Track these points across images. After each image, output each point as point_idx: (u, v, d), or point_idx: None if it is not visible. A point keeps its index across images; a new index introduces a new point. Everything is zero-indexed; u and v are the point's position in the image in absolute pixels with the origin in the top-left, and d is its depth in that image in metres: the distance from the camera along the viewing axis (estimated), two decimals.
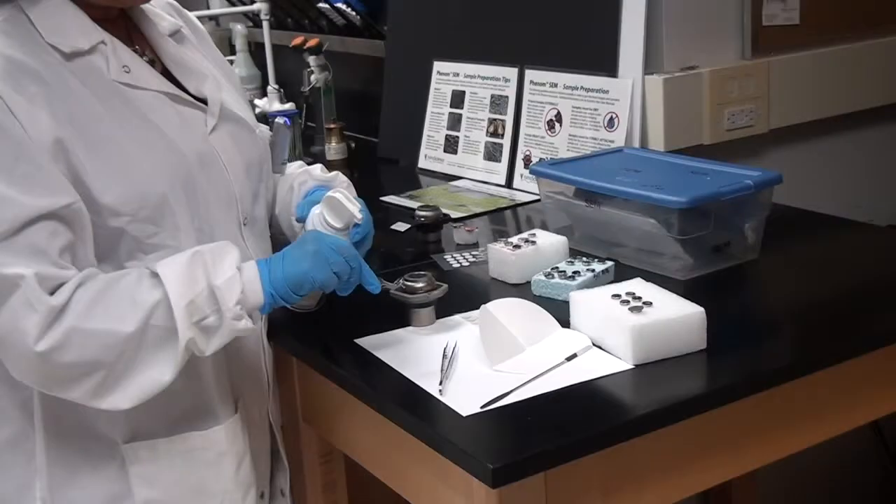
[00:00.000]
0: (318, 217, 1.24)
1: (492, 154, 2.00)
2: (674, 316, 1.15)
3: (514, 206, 1.83)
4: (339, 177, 1.40)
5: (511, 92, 1.97)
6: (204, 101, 1.23)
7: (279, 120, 1.40)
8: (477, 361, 1.17)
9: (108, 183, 1.10)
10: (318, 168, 1.41)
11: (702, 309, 1.16)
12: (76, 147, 1.09)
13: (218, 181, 1.21)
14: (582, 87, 1.82)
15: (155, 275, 1.08)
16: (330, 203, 1.23)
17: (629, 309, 1.16)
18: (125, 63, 1.16)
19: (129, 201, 1.11)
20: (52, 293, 1.05)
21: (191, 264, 1.09)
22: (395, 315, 1.28)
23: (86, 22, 1.16)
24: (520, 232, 1.50)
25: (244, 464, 1.24)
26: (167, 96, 1.19)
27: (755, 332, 1.24)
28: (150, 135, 1.15)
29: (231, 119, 1.26)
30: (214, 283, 1.09)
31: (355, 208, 1.22)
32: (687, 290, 1.33)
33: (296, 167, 1.41)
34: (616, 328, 1.15)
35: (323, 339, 1.29)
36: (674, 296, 1.20)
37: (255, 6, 2.60)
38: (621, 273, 1.38)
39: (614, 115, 1.75)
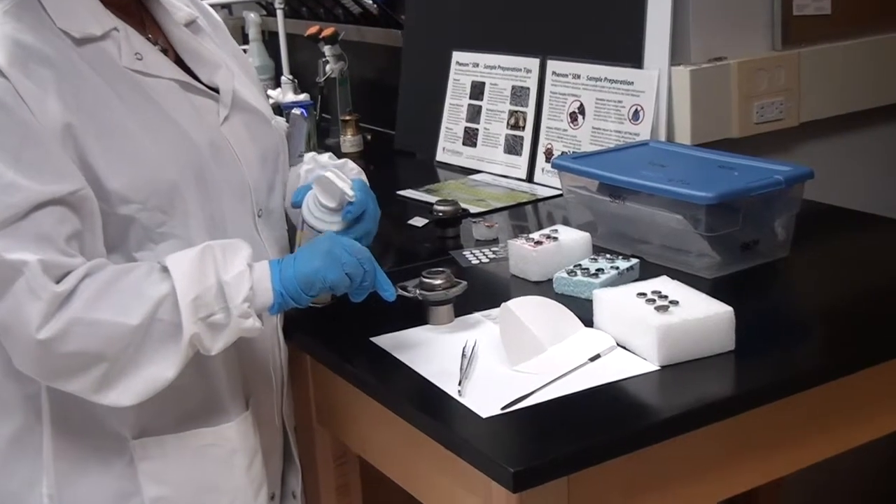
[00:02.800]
0: (312, 198, 1.24)
1: (512, 147, 2.00)
2: (701, 316, 1.14)
3: (536, 201, 1.83)
4: (349, 163, 1.39)
5: (532, 83, 1.96)
6: (217, 91, 1.23)
7: (296, 111, 1.39)
8: (497, 361, 1.16)
9: (116, 169, 1.10)
10: (326, 156, 1.40)
11: (730, 308, 1.15)
12: (85, 133, 1.09)
13: (230, 171, 1.21)
14: (606, 79, 1.81)
15: (165, 269, 1.09)
16: (321, 183, 1.22)
17: (655, 308, 1.15)
18: (137, 50, 1.17)
19: (138, 188, 1.11)
20: (57, 281, 1.05)
21: (201, 259, 1.09)
22: (413, 313, 1.28)
23: (98, 8, 1.16)
24: (541, 228, 1.50)
25: (255, 462, 1.24)
26: (179, 84, 1.19)
27: (785, 332, 1.23)
28: (160, 122, 1.15)
29: (245, 109, 1.26)
30: (223, 279, 1.09)
31: (346, 185, 1.21)
32: (714, 288, 1.32)
33: (308, 158, 1.41)
34: (641, 328, 1.14)
35: (338, 337, 1.28)
36: (701, 295, 1.19)
37: None
38: (646, 271, 1.37)
39: (639, 108, 1.74)
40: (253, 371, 1.25)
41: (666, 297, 1.18)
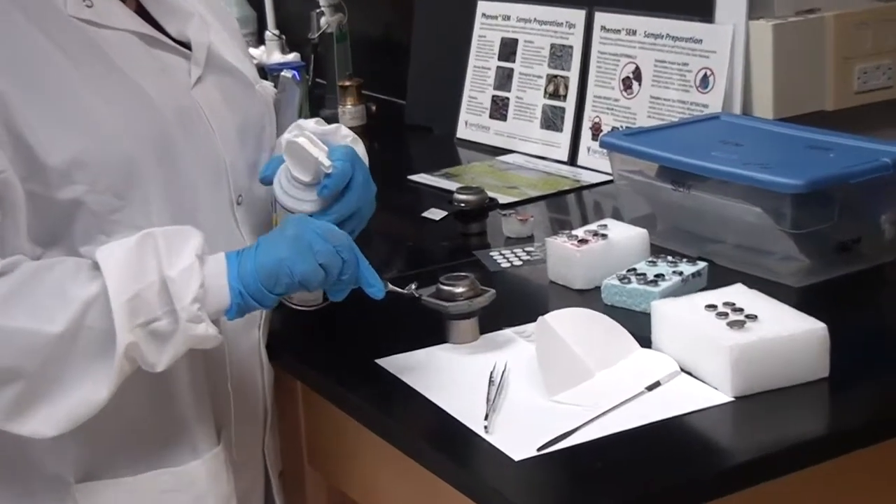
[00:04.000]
0: (284, 171, 1.22)
1: (551, 121, 1.99)
2: (786, 334, 1.13)
3: (580, 189, 1.83)
4: (342, 130, 1.38)
5: (576, 41, 1.96)
6: (187, 47, 1.23)
7: (286, 73, 1.39)
8: (532, 390, 1.16)
9: (57, 141, 1.10)
10: (312, 122, 1.40)
11: (823, 325, 1.15)
12: (16, 96, 1.09)
13: (202, 146, 1.21)
14: (668, 35, 1.80)
15: (96, 265, 1.08)
16: (291, 150, 1.19)
17: (728, 324, 1.15)
18: None
19: (85, 164, 1.11)
20: None
21: (139, 249, 1.09)
22: (428, 328, 1.28)
23: None
24: (587, 222, 1.50)
25: None
26: (140, 38, 1.19)
27: (891, 356, 1.22)
28: (114, 83, 1.15)
29: (222, 70, 1.26)
30: (167, 274, 1.08)
31: (322, 153, 1.18)
32: (803, 299, 1.31)
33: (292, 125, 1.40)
34: (711, 349, 1.14)
35: (335, 358, 1.29)
36: (786, 307, 1.19)
37: None
38: (717, 277, 1.37)
39: (709, 72, 1.74)
40: (227, 396, 1.25)
41: (741, 310, 1.17)
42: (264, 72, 2.27)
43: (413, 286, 1.26)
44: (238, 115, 1.26)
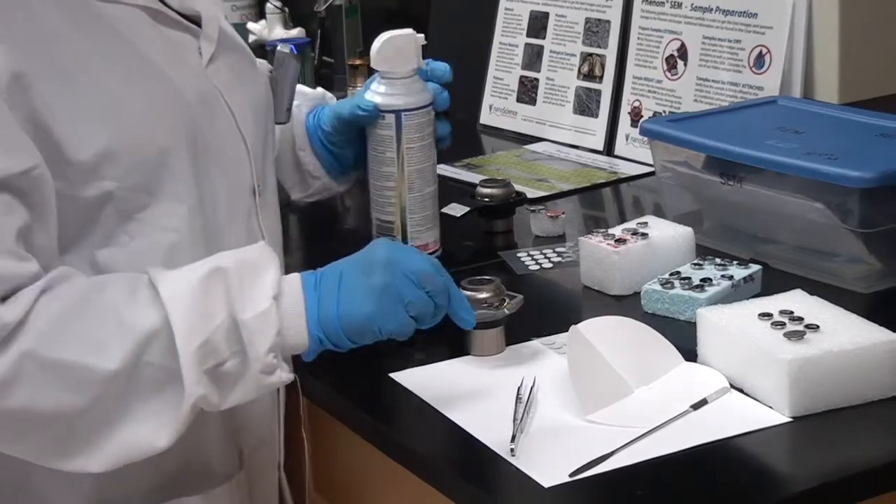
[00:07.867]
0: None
1: (586, 105, 2.00)
2: (852, 346, 1.13)
3: (617, 182, 1.83)
4: None
5: (614, 14, 1.96)
6: (195, 23, 1.22)
7: (282, 48, 1.39)
8: (564, 409, 1.17)
9: (87, 132, 1.09)
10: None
11: (895, 336, 1.14)
12: (40, 82, 1.07)
13: (224, 133, 1.21)
14: (718, 9, 1.80)
15: (152, 285, 1.06)
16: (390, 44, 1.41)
17: (785, 335, 1.15)
18: None
19: (116, 158, 1.10)
20: (4, 298, 1.02)
21: (207, 288, 1.06)
22: (448, 338, 1.28)
23: None
24: (625, 220, 1.50)
25: None
26: (146, 12, 1.18)
27: None
28: (136, 66, 1.14)
29: (231, 47, 1.26)
30: (241, 318, 1.06)
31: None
32: (872, 307, 1.31)
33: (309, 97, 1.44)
34: (766, 363, 1.14)
35: (344, 371, 1.28)
36: (852, 316, 1.19)
37: None
38: (773, 282, 1.37)
39: (765, 50, 1.74)
40: (249, 414, 1.24)
41: (801, 319, 1.18)
42: (264, 49, 2.28)
43: (506, 310, 1.27)
44: (250, 97, 1.27)
